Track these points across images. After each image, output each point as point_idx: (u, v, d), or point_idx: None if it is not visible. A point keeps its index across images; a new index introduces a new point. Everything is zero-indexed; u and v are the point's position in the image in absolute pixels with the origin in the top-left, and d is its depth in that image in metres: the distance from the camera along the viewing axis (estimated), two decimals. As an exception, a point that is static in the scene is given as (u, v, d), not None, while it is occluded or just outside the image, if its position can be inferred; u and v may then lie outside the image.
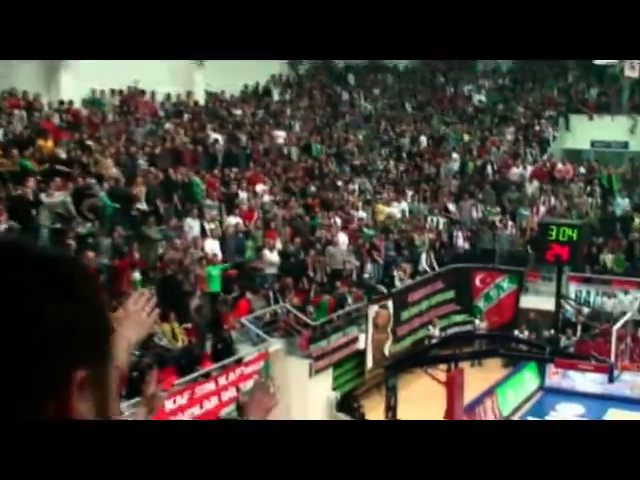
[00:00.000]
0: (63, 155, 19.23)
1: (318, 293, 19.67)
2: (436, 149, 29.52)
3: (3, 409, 0.97)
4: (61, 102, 22.34)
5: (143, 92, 25.37)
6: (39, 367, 0.99)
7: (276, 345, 17.77)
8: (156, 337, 15.75)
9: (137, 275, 16.80)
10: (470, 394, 17.44)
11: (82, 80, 23.12)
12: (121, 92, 24.84)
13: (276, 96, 30.96)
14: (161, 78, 25.35)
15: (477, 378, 18.54)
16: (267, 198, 22.49)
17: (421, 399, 17.01)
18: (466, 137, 30.32)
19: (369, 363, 19.35)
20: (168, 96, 26.42)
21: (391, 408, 16.66)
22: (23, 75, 21.76)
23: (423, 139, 30.04)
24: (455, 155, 28.50)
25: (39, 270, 1.00)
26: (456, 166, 27.99)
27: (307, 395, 17.28)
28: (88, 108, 23.09)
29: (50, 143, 19.40)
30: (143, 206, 18.93)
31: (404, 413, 15.84)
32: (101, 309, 1.08)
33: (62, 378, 1.01)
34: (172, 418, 13.47)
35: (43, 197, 16.93)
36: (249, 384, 15.96)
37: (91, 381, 1.04)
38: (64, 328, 1.00)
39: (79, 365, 1.01)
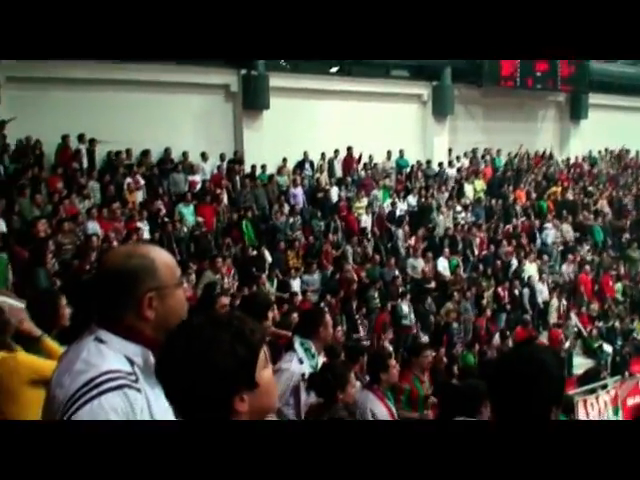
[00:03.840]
0: (570, 197, 21.13)
1: None
2: None
3: (211, 400, 1.55)
4: (568, 158, 24.23)
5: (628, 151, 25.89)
6: (232, 378, 1.58)
7: None
8: (634, 333, 16.99)
9: (619, 285, 18.52)
10: None
11: (584, 142, 24.52)
12: (612, 151, 25.54)
13: None
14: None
15: None
16: None
17: None
18: None
19: None
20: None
21: None
22: (542, 139, 24.23)
23: None
24: None
25: (229, 330, 1.60)
26: None
27: None
28: (587, 162, 24.59)
29: (560, 189, 21.54)
30: (626, 235, 20.59)
31: None
32: (258, 348, 1.64)
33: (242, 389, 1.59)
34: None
35: (547, 225, 19.46)
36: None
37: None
38: (243, 358, 1.59)
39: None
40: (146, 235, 13.13)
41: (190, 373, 1.57)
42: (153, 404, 1.88)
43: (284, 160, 18.15)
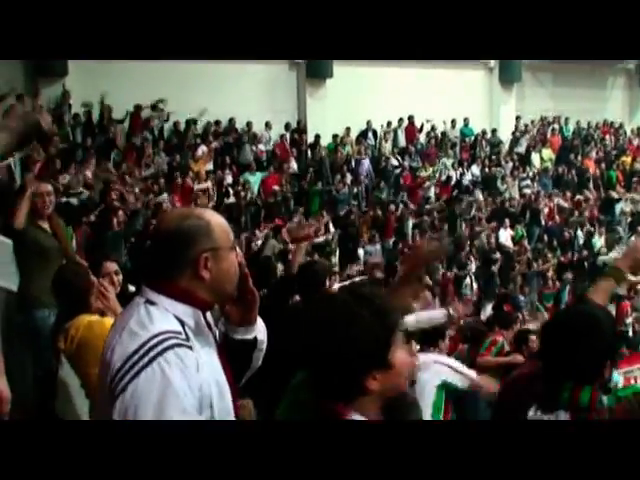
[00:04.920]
0: (638, 167, 20.43)
1: None
2: None
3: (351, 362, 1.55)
4: (638, 128, 22.73)
5: None
6: (366, 357, 1.56)
7: None
8: None
9: None
10: None
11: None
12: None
13: None
14: None
15: None
16: None
17: None
18: None
19: None
20: None
21: None
22: (611, 107, 23.42)
23: None
24: None
25: (370, 307, 1.59)
26: None
27: None
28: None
29: (629, 159, 20.86)
30: None
31: None
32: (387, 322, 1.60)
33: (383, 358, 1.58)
34: None
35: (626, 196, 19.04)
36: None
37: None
38: (380, 338, 1.58)
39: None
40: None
41: (325, 347, 1.58)
42: (204, 363, 1.84)
43: (347, 129, 17.81)
